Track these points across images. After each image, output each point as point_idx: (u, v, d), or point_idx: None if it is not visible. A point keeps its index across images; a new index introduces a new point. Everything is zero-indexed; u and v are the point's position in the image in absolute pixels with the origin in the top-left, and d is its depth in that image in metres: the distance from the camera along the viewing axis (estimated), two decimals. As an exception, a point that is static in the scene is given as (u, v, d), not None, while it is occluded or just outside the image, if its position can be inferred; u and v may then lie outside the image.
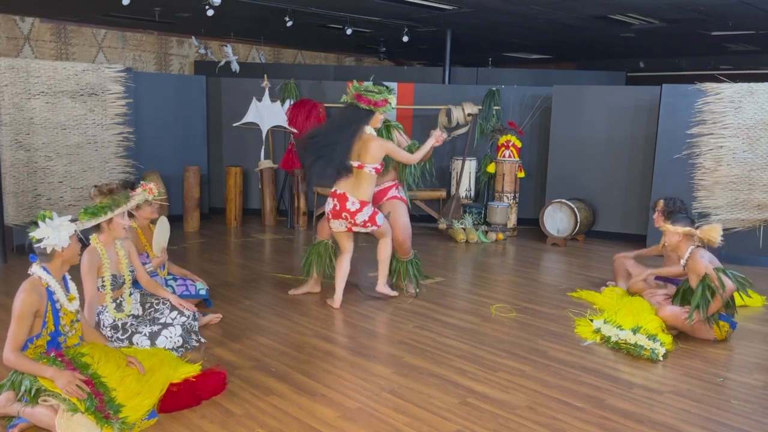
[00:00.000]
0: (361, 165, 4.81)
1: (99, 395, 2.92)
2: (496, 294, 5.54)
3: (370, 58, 14.08)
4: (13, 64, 6.39)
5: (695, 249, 4.46)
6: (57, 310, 3.10)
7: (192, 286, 4.75)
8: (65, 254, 3.11)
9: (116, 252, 3.93)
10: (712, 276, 4.27)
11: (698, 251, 4.45)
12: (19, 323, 2.95)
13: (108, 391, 2.98)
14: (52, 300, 3.08)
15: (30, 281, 3.05)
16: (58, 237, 3.04)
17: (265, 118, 8.56)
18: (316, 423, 3.12)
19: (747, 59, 11.75)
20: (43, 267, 3.08)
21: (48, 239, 3.02)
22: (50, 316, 3.07)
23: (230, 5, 7.75)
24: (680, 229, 4.45)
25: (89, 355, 3.14)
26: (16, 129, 6.42)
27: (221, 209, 8.66)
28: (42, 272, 3.07)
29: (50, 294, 3.08)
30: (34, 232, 3.04)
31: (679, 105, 6.93)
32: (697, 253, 4.43)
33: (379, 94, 4.85)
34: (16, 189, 6.46)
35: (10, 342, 2.93)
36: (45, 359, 2.96)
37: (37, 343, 3.04)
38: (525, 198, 8.59)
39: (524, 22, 8.80)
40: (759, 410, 3.40)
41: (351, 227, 4.93)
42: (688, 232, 4.45)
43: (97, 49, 10.28)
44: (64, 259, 3.13)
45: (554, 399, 3.45)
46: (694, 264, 4.40)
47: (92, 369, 3.04)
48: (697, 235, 4.42)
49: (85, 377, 2.94)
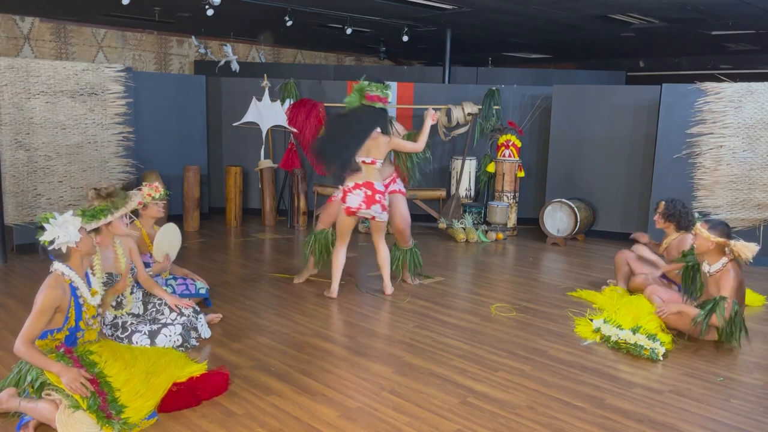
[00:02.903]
0: (374, 161, 5.13)
1: (102, 394, 2.92)
2: (496, 293, 5.54)
3: (370, 58, 14.08)
4: (12, 63, 6.39)
5: (731, 264, 4.24)
6: (80, 305, 3.14)
7: (192, 286, 4.74)
8: (81, 248, 3.13)
9: (114, 251, 3.89)
10: (728, 305, 4.15)
11: (733, 268, 4.23)
12: (38, 317, 2.96)
13: (112, 390, 2.99)
14: (75, 295, 3.11)
15: (54, 277, 3.07)
16: (67, 233, 3.05)
17: (265, 117, 8.56)
18: (316, 423, 3.12)
19: (747, 59, 11.75)
20: (65, 264, 3.11)
21: (59, 239, 3.03)
22: (73, 312, 3.10)
23: (230, 5, 7.76)
24: (713, 238, 4.22)
25: (98, 353, 3.16)
26: (16, 129, 6.42)
27: (221, 209, 8.67)
28: (64, 268, 3.10)
29: (74, 290, 3.11)
30: (42, 236, 3.04)
31: (679, 104, 6.93)
32: (731, 269, 4.22)
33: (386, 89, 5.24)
34: (16, 189, 6.46)
35: (24, 333, 2.93)
36: (54, 354, 2.96)
37: (56, 336, 3.07)
38: (525, 197, 8.59)
39: (524, 21, 8.81)
40: (759, 410, 3.40)
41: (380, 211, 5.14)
42: (723, 243, 4.22)
43: (96, 48, 10.29)
44: (82, 253, 3.16)
45: (554, 398, 3.45)
46: (724, 279, 4.21)
47: (99, 368, 3.05)
48: (730, 248, 4.20)
49: (90, 375, 2.95)
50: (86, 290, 3.18)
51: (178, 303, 4.11)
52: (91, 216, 3.64)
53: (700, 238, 4.28)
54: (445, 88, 8.97)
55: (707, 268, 4.36)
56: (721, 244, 4.23)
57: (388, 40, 11.16)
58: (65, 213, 3.14)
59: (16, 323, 4.20)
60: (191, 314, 4.13)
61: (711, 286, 4.35)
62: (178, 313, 4.07)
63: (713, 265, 4.31)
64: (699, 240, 4.30)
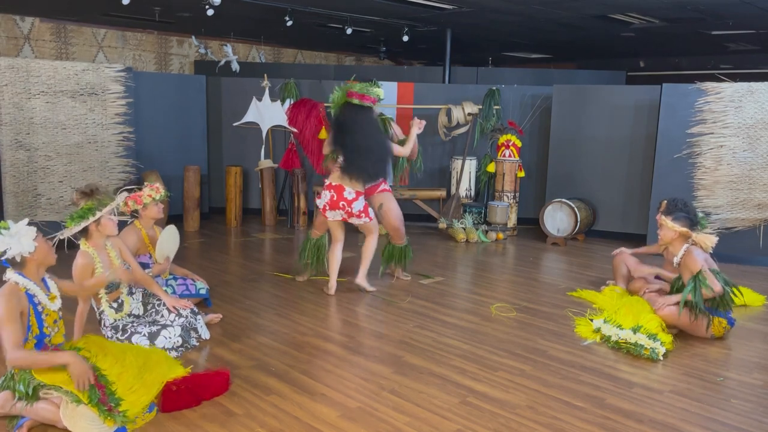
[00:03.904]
0: None
1: (101, 387, 2.92)
2: (496, 293, 5.54)
3: (370, 58, 14.08)
4: (13, 63, 6.39)
5: (691, 247, 4.48)
6: (39, 312, 3.03)
7: (192, 286, 4.74)
8: (37, 257, 3.02)
9: (107, 254, 3.84)
10: (706, 274, 4.29)
11: (694, 249, 4.47)
12: (8, 326, 2.84)
13: (109, 383, 2.99)
14: (33, 303, 3.00)
15: (8, 287, 2.96)
16: (20, 244, 2.95)
17: (265, 117, 8.56)
18: (316, 422, 3.12)
19: (747, 58, 11.75)
20: (18, 272, 3.00)
21: (11, 249, 2.93)
22: (33, 319, 2.99)
23: (230, 5, 7.76)
24: (677, 227, 4.48)
25: (86, 349, 3.14)
26: (16, 128, 6.43)
27: (221, 209, 8.66)
28: (18, 277, 2.98)
29: (30, 297, 2.99)
30: None
31: (680, 104, 6.93)
32: (693, 250, 4.45)
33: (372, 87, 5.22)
34: (16, 189, 6.46)
35: (9, 343, 2.83)
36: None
37: (26, 347, 2.97)
38: (525, 197, 8.59)
39: (524, 21, 8.81)
40: (759, 409, 3.40)
41: (347, 217, 5.19)
42: (685, 233, 4.49)
43: (97, 48, 10.29)
44: (38, 262, 3.04)
45: (554, 398, 3.45)
46: (690, 260, 4.41)
47: (92, 362, 3.04)
48: (692, 238, 4.47)
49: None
50: (44, 296, 3.06)
51: (176, 304, 4.10)
52: (79, 217, 3.60)
53: (664, 229, 4.54)
54: (445, 88, 8.97)
55: (675, 259, 4.56)
56: (684, 234, 4.49)
57: (388, 40, 11.16)
58: (20, 222, 3.02)
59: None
60: (189, 315, 4.12)
61: (684, 273, 4.48)
62: (176, 314, 4.06)
63: (678, 254, 4.53)
64: (663, 230, 4.56)
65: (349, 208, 5.12)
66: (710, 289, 4.26)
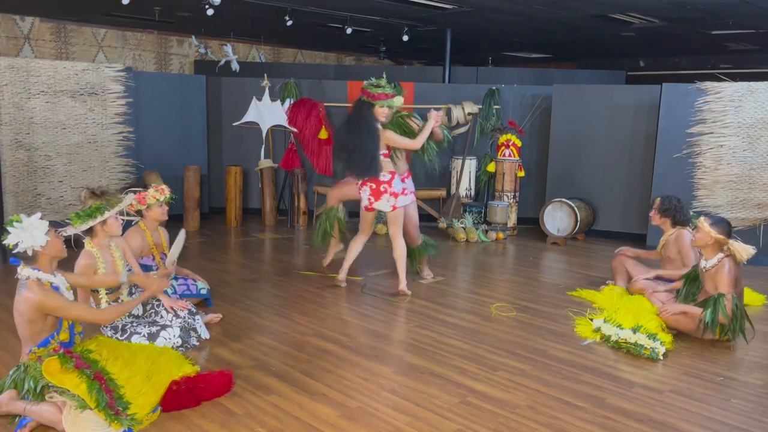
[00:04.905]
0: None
1: (109, 391, 2.92)
2: (497, 293, 5.54)
3: (370, 58, 14.07)
4: (13, 63, 6.39)
5: (726, 259, 4.27)
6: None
7: (193, 286, 4.74)
8: (49, 251, 3.06)
9: (111, 254, 3.86)
10: (727, 301, 4.17)
11: (728, 263, 4.25)
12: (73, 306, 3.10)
13: (117, 387, 2.99)
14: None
15: (35, 284, 3.00)
16: (32, 238, 2.98)
17: (265, 117, 8.56)
18: (316, 422, 3.12)
19: (747, 58, 11.75)
20: (33, 268, 3.04)
21: (23, 243, 2.96)
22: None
23: (230, 5, 7.75)
24: (713, 233, 4.27)
25: (97, 351, 3.14)
26: (16, 128, 6.43)
27: (221, 209, 8.66)
28: (37, 273, 3.02)
29: (56, 289, 3.09)
30: (6, 239, 2.98)
31: (679, 104, 6.93)
32: (727, 264, 4.25)
33: (377, 87, 5.12)
34: (16, 188, 6.46)
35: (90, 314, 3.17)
36: (56, 356, 2.94)
37: (59, 338, 3.07)
38: (525, 197, 8.59)
39: (524, 21, 8.80)
40: (759, 409, 3.40)
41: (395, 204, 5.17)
42: (722, 240, 4.27)
43: (97, 48, 10.28)
44: (51, 256, 3.09)
45: (554, 398, 3.45)
46: (720, 276, 4.24)
47: (101, 365, 3.04)
48: (728, 246, 4.25)
49: (95, 372, 2.94)
50: (64, 288, 3.14)
51: (174, 305, 4.10)
52: (86, 215, 3.61)
53: (702, 232, 4.35)
54: (445, 87, 8.97)
55: (704, 263, 4.41)
56: (720, 242, 4.29)
57: (388, 40, 11.15)
58: (33, 216, 3.05)
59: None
60: (186, 316, 4.11)
61: (707, 282, 4.38)
62: (174, 315, 4.06)
63: (710, 261, 4.36)
64: (700, 234, 4.38)
65: (392, 188, 5.17)
66: (726, 316, 4.18)
